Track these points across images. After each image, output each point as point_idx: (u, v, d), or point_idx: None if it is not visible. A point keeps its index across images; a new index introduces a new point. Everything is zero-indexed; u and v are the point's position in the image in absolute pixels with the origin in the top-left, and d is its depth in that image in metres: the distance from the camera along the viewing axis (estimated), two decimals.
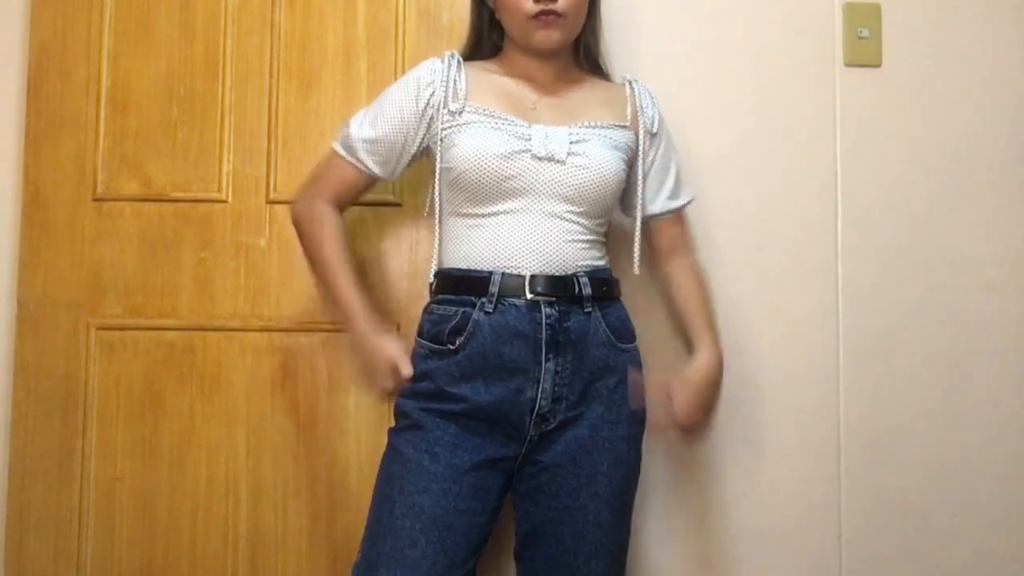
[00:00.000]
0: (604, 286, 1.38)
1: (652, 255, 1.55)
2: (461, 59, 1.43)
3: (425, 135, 1.40)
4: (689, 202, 1.54)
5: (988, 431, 1.69)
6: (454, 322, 1.33)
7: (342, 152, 1.44)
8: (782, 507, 1.67)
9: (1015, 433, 1.69)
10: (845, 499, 1.68)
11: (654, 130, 1.46)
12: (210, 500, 1.63)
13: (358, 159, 1.42)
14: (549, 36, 1.37)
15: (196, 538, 1.63)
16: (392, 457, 1.34)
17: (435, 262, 1.40)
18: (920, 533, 1.67)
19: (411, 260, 1.67)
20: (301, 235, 1.48)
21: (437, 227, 1.40)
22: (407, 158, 1.42)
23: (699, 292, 1.54)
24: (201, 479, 1.64)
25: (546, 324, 1.31)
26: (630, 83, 1.48)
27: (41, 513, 1.63)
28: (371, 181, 1.46)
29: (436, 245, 1.40)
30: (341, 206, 1.46)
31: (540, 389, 1.31)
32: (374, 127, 1.41)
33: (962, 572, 1.67)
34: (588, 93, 1.45)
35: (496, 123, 1.35)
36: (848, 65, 1.73)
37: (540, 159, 1.33)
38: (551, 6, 1.34)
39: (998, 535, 1.68)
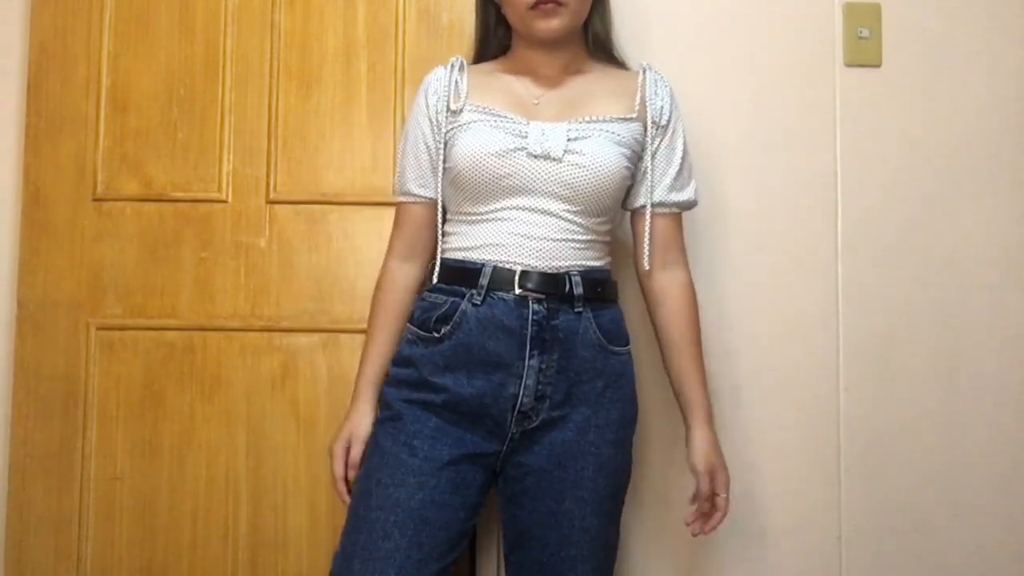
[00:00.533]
0: (598, 287, 1.36)
1: (637, 258, 1.43)
2: (465, 62, 1.42)
3: (442, 141, 1.38)
4: (692, 201, 1.45)
5: (988, 431, 1.69)
6: (442, 310, 1.32)
7: (400, 199, 1.44)
8: (782, 507, 1.67)
9: (1015, 433, 1.69)
10: (845, 499, 1.68)
11: (662, 122, 1.41)
12: (210, 500, 1.64)
13: (407, 192, 1.42)
14: (549, 24, 1.34)
15: (196, 538, 1.63)
16: (372, 449, 1.34)
17: (439, 258, 1.38)
18: (920, 533, 1.67)
19: None
20: None
21: (440, 225, 1.39)
22: (441, 171, 1.38)
23: (689, 338, 1.41)
24: (201, 479, 1.64)
25: (532, 320, 1.30)
26: (644, 70, 1.43)
27: (41, 513, 1.63)
28: (433, 210, 1.41)
29: (439, 242, 1.39)
30: (420, 251, 1.43)
31: (523, 385, 1.30)
32: (406, 155, 1.42)
33: (962, 572, 1.67)
34: (596, 84, 1.42)
35: (495, 121, 1.35)
36: (848, 65, 1.73)
37: (535, 157, 1.32)
38: None
39: (998, 535, 1.68)
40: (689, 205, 1.45)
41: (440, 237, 1.39)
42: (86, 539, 1.63)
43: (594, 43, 1.45)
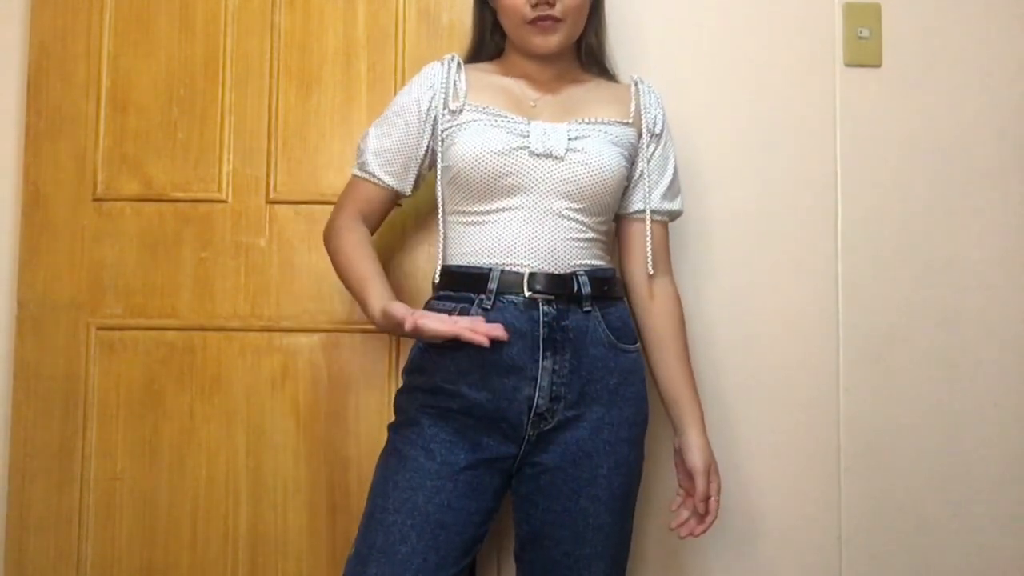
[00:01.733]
0: (605, 285, 1.36)
1: (628, 264, 1.46)
2: (461, 61, 1.43)
3: (430, 139, 1.39)
4: (680, 212, 1.48)
5: (988, 431, 1.69)
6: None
7: (357, 172, 1.44)
8: (782, 507, 1.68)
9: (1015, 433, 1.69)
10: (845, 499, 1.68)
11: (656, 130, 1.44)
12: (210, 500, 1.64)
13: (370, 173, 1.42)
14: (547, 41, 1.36)
15: (196, 538, 1.63)
16: (389, 452, 1.34)
17: (439, 261, 1.38)
18: (920, 533, 1.68)
19: (410, 259, 1.67)
20: (329, 254, 1.44)
21: (441, 226, 1.39)
22: (416, 165, 1.41)
23: (681, 343, 1.44)
24: (201, 479, 1.64)
25: (544, 322, 1.31)
26: (636, 83, 1.46)
27: (41, 513, 1.63)
28: (388, 196, 1.43)
29: (440, 244, 1.38)
30: (368, 224, 1.44)
31: (538, 388, 1.30)
32: (381, 138, 1.42)
33: (962, 572, 1.67)
34: (590, 92, 1.44)
35: (495, 120, 1.35)
36: (848, 65, 1.73)
37: (538, 156, 1.33)
38: (549, 11, 1.33)
39: (998, 535, 1.68)
40: (677, 215, 1.49)
41: (441, 242, 1.39)
42: (86, 539, 1.63)
43: (587, 55, 1.47)
